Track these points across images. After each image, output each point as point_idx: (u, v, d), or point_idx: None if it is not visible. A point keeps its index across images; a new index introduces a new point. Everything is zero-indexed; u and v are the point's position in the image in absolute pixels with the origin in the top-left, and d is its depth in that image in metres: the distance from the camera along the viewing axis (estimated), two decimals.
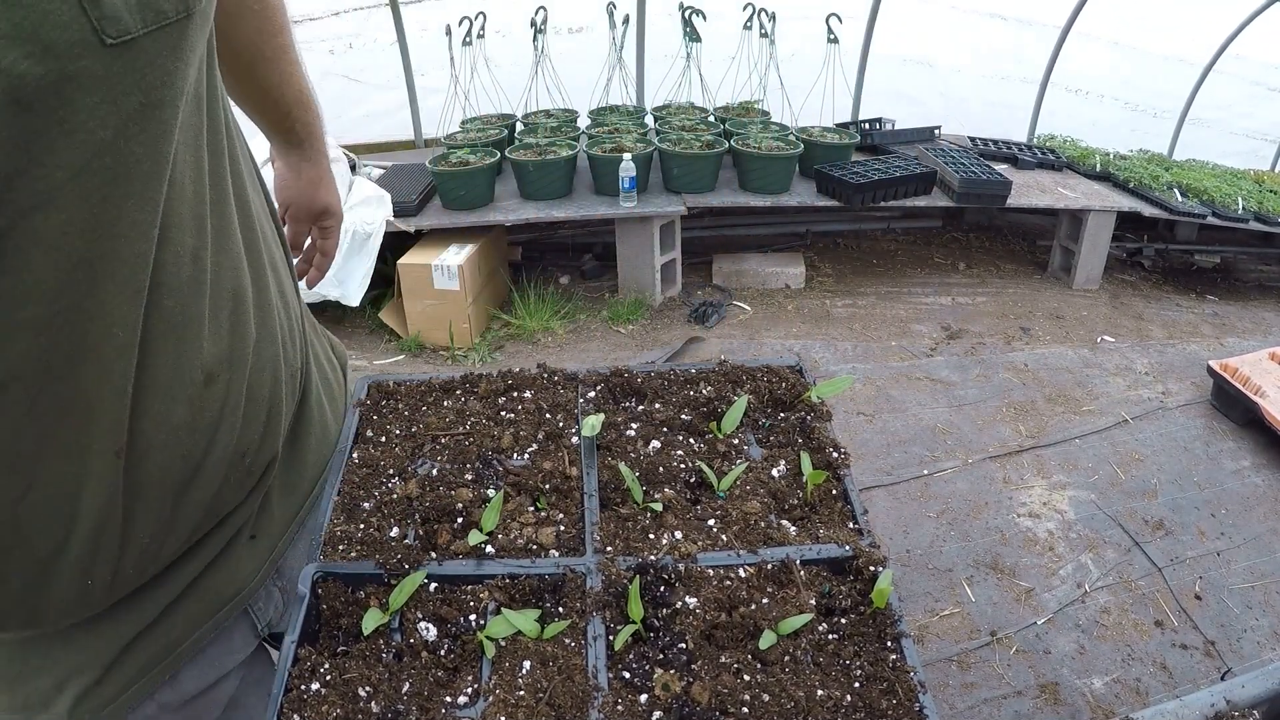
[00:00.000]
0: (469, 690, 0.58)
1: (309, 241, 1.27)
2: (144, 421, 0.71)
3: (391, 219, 4.43)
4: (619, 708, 0.55)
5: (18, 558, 0.70)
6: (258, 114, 1.16)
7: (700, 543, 0.66)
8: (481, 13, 5.23)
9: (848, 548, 0.66)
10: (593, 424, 0.74)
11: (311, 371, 1.02)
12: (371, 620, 0.61)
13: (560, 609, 0.62)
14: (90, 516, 0.71)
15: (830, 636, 0.62)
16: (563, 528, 0.68)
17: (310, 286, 1.24)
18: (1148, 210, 5.34)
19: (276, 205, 1.08)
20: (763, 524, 0.68)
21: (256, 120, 1.18)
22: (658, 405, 0.81)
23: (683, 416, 0.80)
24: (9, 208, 0.53)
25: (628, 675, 0.58)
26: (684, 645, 0.59)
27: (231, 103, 0.87)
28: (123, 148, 0.59)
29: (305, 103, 1.18)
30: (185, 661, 0.92)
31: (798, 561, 0.65)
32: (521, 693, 0.56)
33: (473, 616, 0.62)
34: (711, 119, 5.43)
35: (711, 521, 0.69)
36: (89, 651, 0.86)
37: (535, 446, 0.75)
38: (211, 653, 0.91)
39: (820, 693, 0.57)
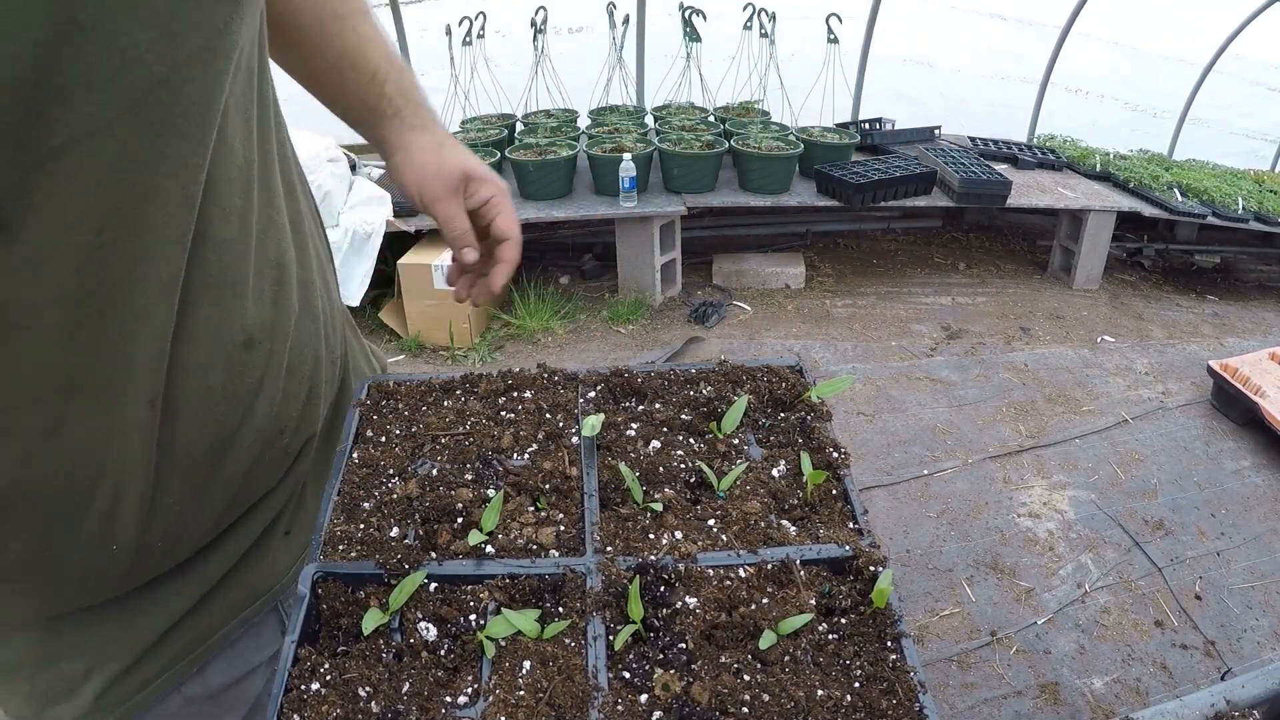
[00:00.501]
0: (469, 690, 0.58)
1: (465, 228, 0.96)
2: (180, 376, 0.70)
3: (392, 219, 4.43)
4: (619, 708, 0.55)
5: (41, 503, 0.68)
6: (340, 91, 1.01)
7: (700, 543, 0.66)
8: (481, 13, 5.24)
9: (848, 548, 0.66)
10: (593, 424, 0.74)
11: (349, 365, 1.03)
12: (371, 620, 0.61)
13: (560, 609, 0.62)
14: (118, 468, 0.70)
15: (830, 636, 0.62)
16: (563, 528, 0.68)
17: (494, 289, 0.99)
18: (1148, 210, 5.34)
19: (406, 195, 0.99)
20: (763, 524, 0.68)
21: (343, 105, 1.03)
22: (658, 405, 0.81)
23: (683, 416, 0.80)
24: (62, 129, 0.53)
25: (628, 675, 0.58)
26: (684, 645, 0.59)
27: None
28: (178, 88, 0.59)
29: (393, 62, 1.01)
30: (214, 654, 0.92)
31: (798, 561, 0.65)
32: (521, 693, 0.56)
33: (473, 616, 0.62)
34: (711, 119, 5.43)
35: (711, 521, 0.69)
36: (120, 639, 0.85)
37: (535, 446, 0.75)
38: (240, 647, 0.91)
39: (820, 693, 0.57)
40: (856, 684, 0.58)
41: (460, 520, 0.68)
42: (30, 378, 0.60)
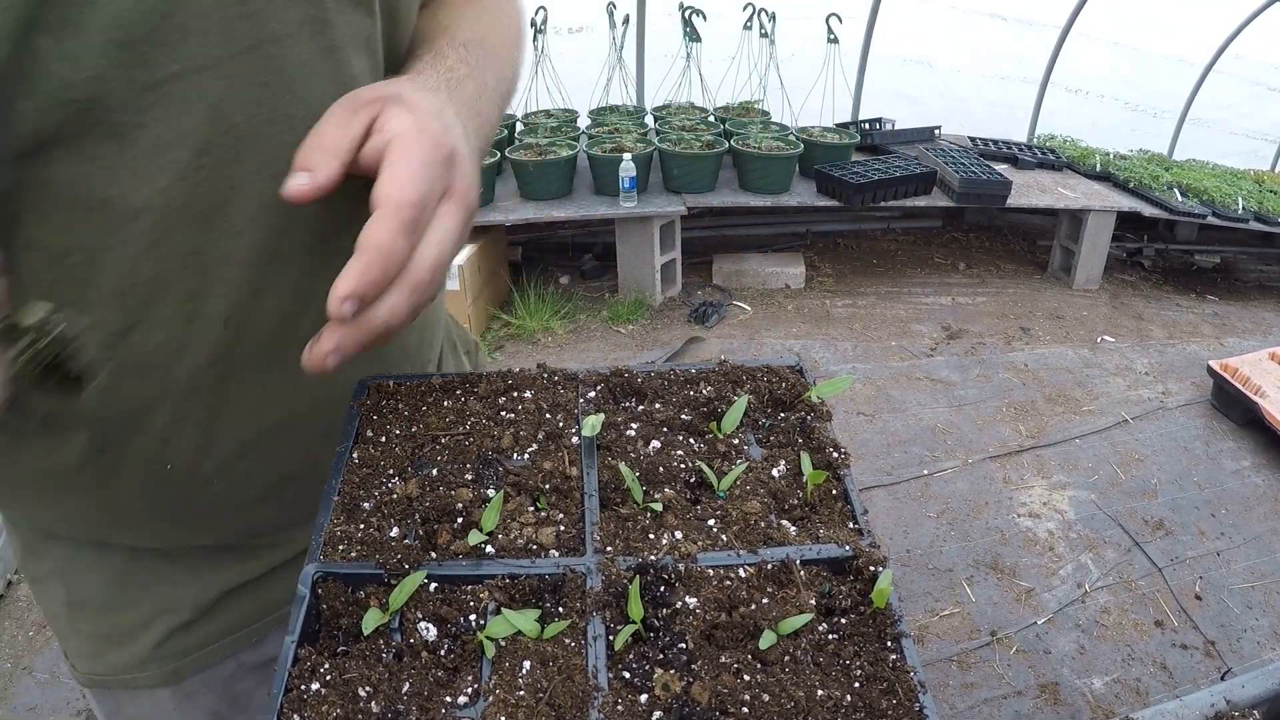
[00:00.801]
0: (469, 690, 0.58)
1: (322, 141, 0.64)
2: (258, 303, 0.71)
3: None
4: (619, 708, 0.55)
5: (103, 402, 0.69)
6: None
7: (700, 543, 0.66)
8: None
9: (848, 548, 0.66)
10: (593, 424, 0.74)
11: (444, 346, 1.03)
12: (371, 620, 0.61)
13: (560, 609, 0.62)
14: (182, 385, 0.71)
15: (830, 636, 0.62)
16: (563, 528, 0.68)
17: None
18: (1148, 210, 5.34)
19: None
20: (763, 524, 0.68)
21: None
22: (658, 405, 0.81)
23: (683, 416, 0.80)
24: (181, 59, 0.59)
25: (628, 675, 0.58)
26: (684, 645, 0.59)
27: None
28: (293, 46, 0.64)
29: (473, 41, 0.83)
30: (273, 629, 0.94)
31: (798, 561, 0.65)
32: (521, 693, 0.56)
33: (473, 616, 0.62)
34: (711, 119, 5.43)
35: (711, 521, 0.69)
36: (183, 593, 0.88)
37: (535, 446, 0.75)
38: None
39: (820, 693, 0.57)
40: (856, 684, 0.58)
41: (460, 520, 0.68)
42: (116, 276, 0.64)
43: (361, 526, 0.67)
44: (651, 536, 0.67)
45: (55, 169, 0.58)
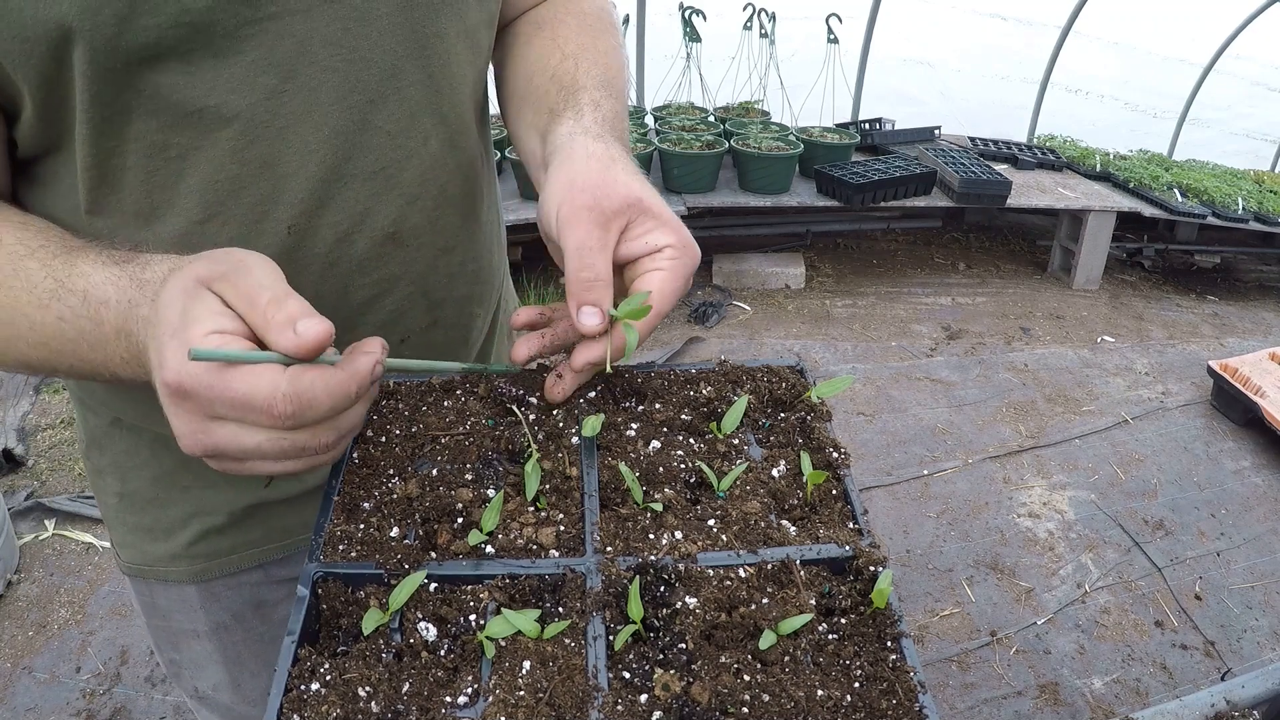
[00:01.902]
0: (469, 690, 0.58)
1: (599, 273, 0.71)
2: (323, 215, 0.79)
3: None
4: (619, 708, 0.55)
5: None
6: (527, 83, 0.93)
7: (700, 543, 0.66)
8: None
9: (848, 548, 0.66)
10: (593, 424, 0.74)
11: (500, 329, 1.11)
12: (371, 620, 0.61)
13: (560, 609, 0.62)
14: None
15: (830, 636, 0.62)
16: (563, 528, 0.68)
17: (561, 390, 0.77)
18: (1148, 210, 5.34)
19: (540, 216, 0.77)
20: (763, 524, 0.68)
21: (519, 100, 0.93)
22: (657, 405, 0.81)
23: (683, 416, 0.80)
24: (276, 1, 0.70)
25: (628, 675, 0.58)
26: (684, 645, 0.59)
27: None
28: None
29: (600, 76, 0.89)
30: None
31: (798, 561, 0.65)
32: (521, 693, 0.56)
33: (473, 616, 0.62)
34: (711, 119, 5.43)
35: (711, 521, 0.69)
36: (221, 498, 0.95)
37: (535, 446, 0.75)
38: None
39: (820, 693, 0.57)
40: (856, 684, 0.58)
41: (460, 520, 0.68)
42: (202, 172, 0.73)
43: (361, 526, 0.67)
44: (651, 536, 0.67)
45: (165, 77, 0.68)
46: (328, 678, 0.58)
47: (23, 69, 0.66)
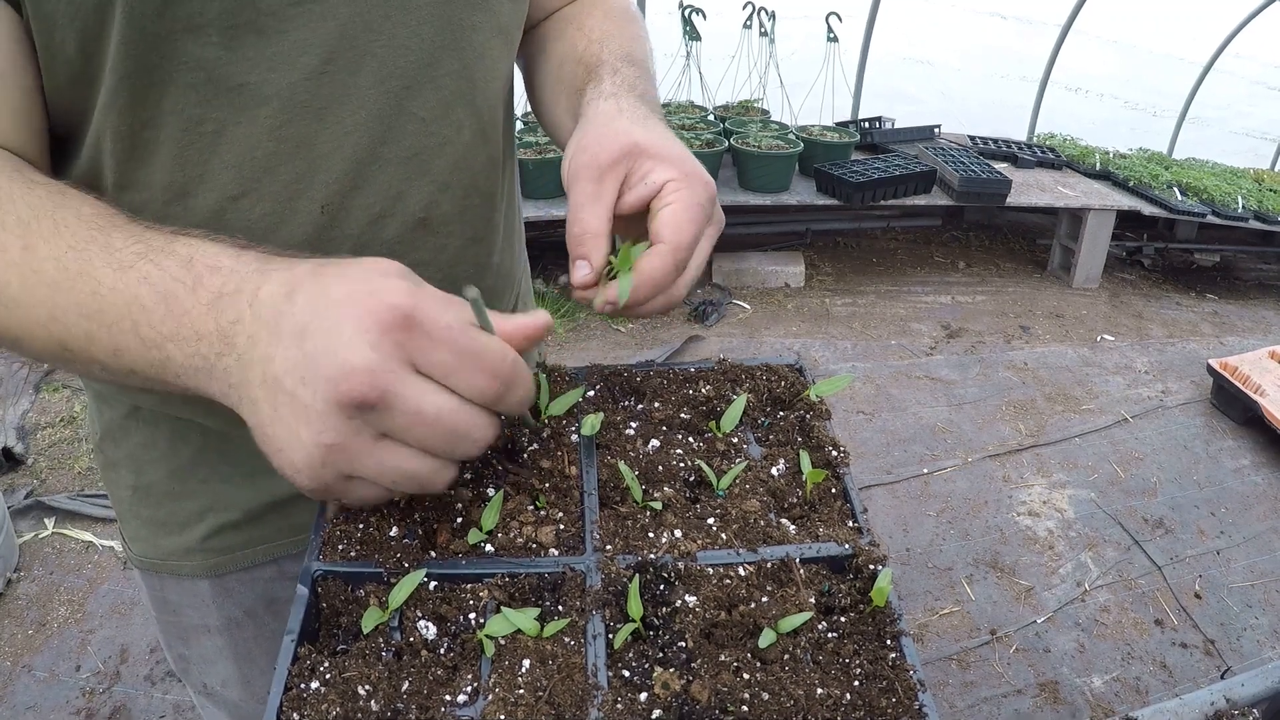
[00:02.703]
0: (468, 689, 0.58)
1: (592, 228, 0.72)
2: (356, 197, 0.79)
3: None
4: (619, 706, 0.55)
5: None
6: (551, 58, 0.97)
7: (700, 541, 0.66)
8: None
9: (847, 546, 0.66)
10: (592, 423, 0.74)
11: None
12: (371, 619, 0.61)
13: (560, 607, 0.62)
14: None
15: (830, 635, 0.62)
16: (562, 526, 0.68)
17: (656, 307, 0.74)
18: (1147, 209, 5.34)
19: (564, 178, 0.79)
20: (762, 522, 0.68)
21: (544, 75, 0.98)
22: (657, 404, 0.81)
23: (682, 415, 0.80)
24: None
25: (627, 674, 0.58)
26: (683, 644, 0.59)
27: None
28: None
29: (624, 51, 0.91)
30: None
31: (797, 560, 0.65)
32: (521, 691, 0.56)
33: (472, 615, 0.62)
34: (711, 118, 5.43)
35: (711, 520, 0.69)
36: (238, 494, 0.95)
37: (535, 446, 0.75)
38: None
39: (820, 691, 0.57)
40: (856, 682, 0.58)
41: (460, 520, 0.68)
42: (238, 149, 0.73)
43: (361, 525, 0.67)
44: (651, 535, 0.67)
45: (206, 50, 0.68)
46: (327, 676, 0.58)
47: (66, 29, 0.65)
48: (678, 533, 0.67)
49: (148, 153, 0.72)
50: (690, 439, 0.77)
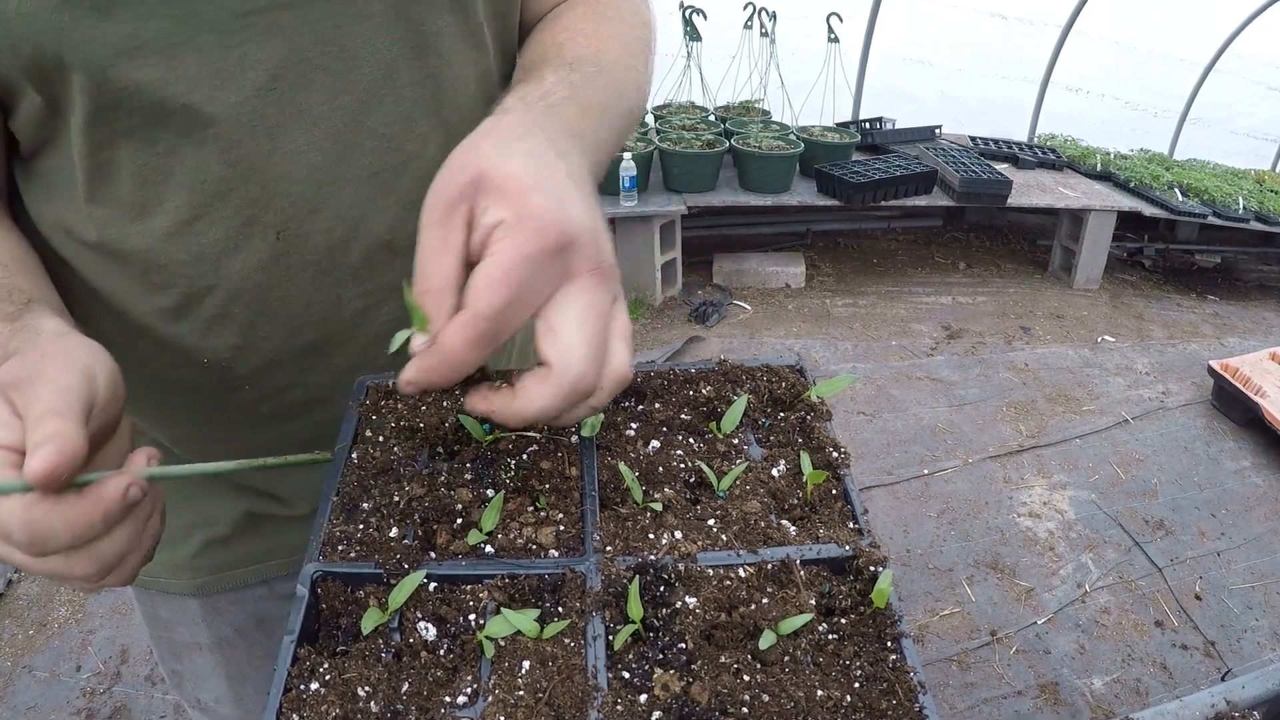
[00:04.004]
0: (468, 690, 0.58)
1: (434, 282, 0.57)
2: (314, 221, 0.76)
3: None
4: (619, 707, 0.55)
5: (162, 283, 0.76)
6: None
7: (700, 542, 0.66)
8: None
9: (848, 547, 0.66)
10: (592, 424, 0.74)
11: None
12: (371, 620, 0.61)
13: (560, 609, 0.62)
14: (233, 280, 0.77)
15: (830, 636, 0.62)
16: (562, 527, 0.68)
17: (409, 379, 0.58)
18: (1148, 210, 5.33)
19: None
20: (762, 524, 0.68)
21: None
22: (657, 405, 0.80)
23: (682, 416, 0.80)
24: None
25: (627, 675, 0.58)
26: (684, 645, 0.59)
27: None
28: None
29: (589, 55, 0.81)
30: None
31: (798, 561, 0.65)
32: (521, 693, 0.56)
33: (472, 616, 0.62)
34: (712, 118, 5.42)
35: (711, 521, 0.69)
36: (225, 509, 0.95)
37: (535, 446, 0.75)
38: None
39: (820, 693, 0.57)
40: (856, 684, 0.58)
41: (460, 520, 0.68)
42: (189, 170, 0.71)
43: (361, 527, 0.67)
44: (651, 536, 0.67)
45: (148, 72, 0.66)
46: (327, 677, 0.58)
47: (11, 59, 0.65)
48: (678, 534, 0.67)
49: (109, 172, 0.71)
50: (691, 440, 0.77)
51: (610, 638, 0.60)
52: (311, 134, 0.73)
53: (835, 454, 0.75)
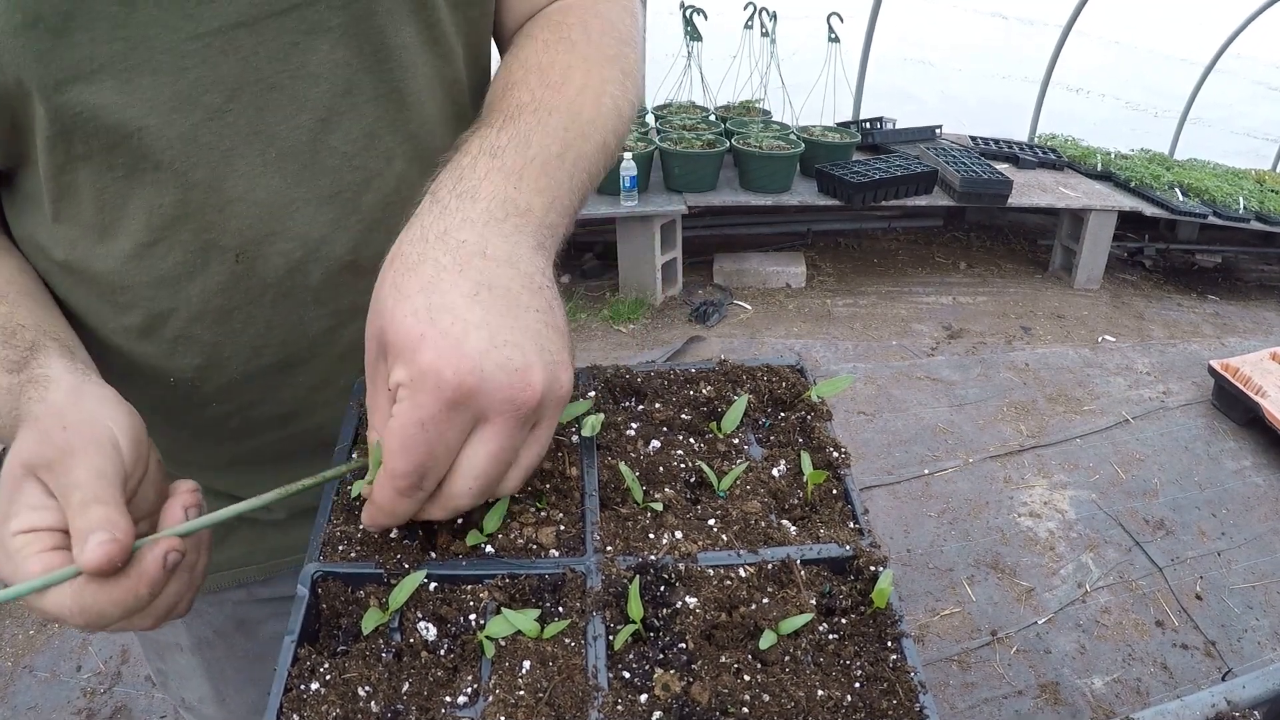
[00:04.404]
0: (469, 690, 0.58)
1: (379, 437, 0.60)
2: (273, 244, 0.75)
3: None
4: (619, 707, 0.55)
5: (128, 303, 0.76)
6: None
7: (700, 542, 0.66)
8: None
9: (848, 547, 0.66)
10: (593, 424, 0.74)
11: None
12: (371, 620, 0.61)
13: (560, 609, 0.62)
14: (194, 303, 0.76)
15: (830, 636, 0.62)
16: (563, 527, 0.68)
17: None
18: (1149, 210, 5.33)
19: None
20: (763, 524, 0.68)
21: None
22: (658, 405, 0.80)
23: (683, 416, 0.80)
24: (220, 15, 0.66)
25: (628, 675, 0.58)
26: (684, 645, 0.59)
27: None
28: (323, 12, 0.70)
29: (548, 101, 0.73)
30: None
31: (798, 561, 0.65)
32: (521, 692, 0.56)
33: (472, 616, 0.62)
34: (712, 118, 5.42)
35: (712, 521, 0.69)
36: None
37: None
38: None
39: (820, 693, 0.57)
40: (857, 684, 0.58)
41: (460, 520, 0.68)
42: (147, 195, 0.71)
43: (361, 526, 0.67)
44: (651, 536, 0.67)
45: (104, 95, 0.65)
46: (327, 677, 0.58)
47: None
48: (678, 534, 0.67)
49: (72, 193, 0.71)
50: (691, 440, 0.77)
51: (610, 638, 0.60)
52: (267, 155, 0.72)
53: (836, 454, 0.75)
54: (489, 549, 0.65)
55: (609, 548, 0.65)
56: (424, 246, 0.59)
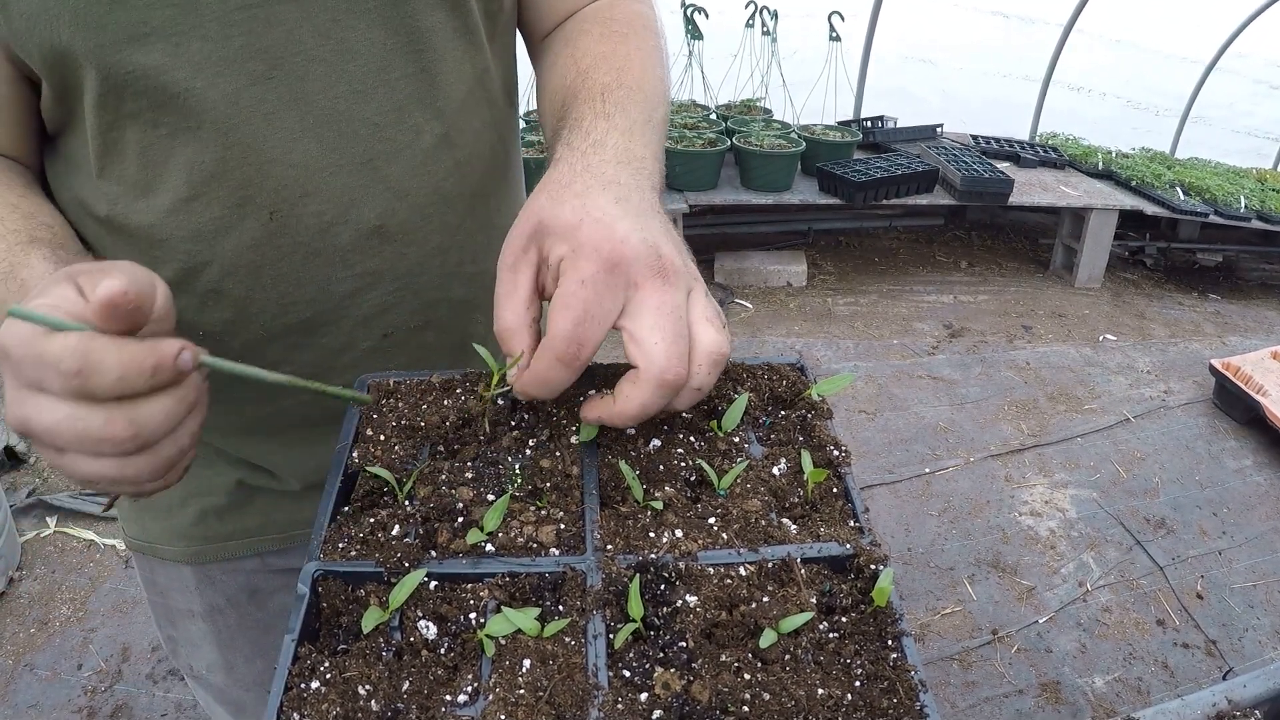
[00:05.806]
0: (469, 689, 0.58)
1: (510, 322, 0.68)
2: (306, 204, 0.79)
3: None
4: (619, 706, 0.55)
5: (162, 257, 0.80)
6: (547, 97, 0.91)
7: (701, 541, 0.66)
8: None
9: (849, 546, 0.66)
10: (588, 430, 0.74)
11: None
12: (371, 618, 0.61)
13: (560, 607, 0.62)
14: (227, 257, 0.80)
15: (831, 635, 0.62)
16: (563, 526, 0.67)
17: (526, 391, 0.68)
18: (1150, 209, 5.33)
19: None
20: (763, 522, 0.68)
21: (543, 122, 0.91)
22: None
23: (683, 414, 0.80)
24: None
25: (628, 674, 0.58)
26: (684, 644, 0.59)
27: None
28: None
29: (623, 86, 0.82)
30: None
31: (798, 560, 0.65)
32: (521, 691, 0.56)
33: (473, 615, 0.62)
34: (713, 117, 5.42)
35: (712, 520, 0.69)
36: (222, 480, 0.99)
37: (536, 444, 0.75)
38: None
39: (821, 691, 0.57)
40: (857, 683, 0.58)
41: (460, 519, 0.68)
42: (189, 152, 0.75)
43: (361, 526, 0.67)
44: (652, 535, 0.67)
45: (153, 57, 0.70)
46: (328, 676, 0.58)
47: (28, 44, 0.69)
48: (678, 532, 0.67)
49: (117, 151, 0.76)
50: (691, 438, 0.77)
51: (611, 636, 0.60)
52: (306, 121, 0.77)
53: (836, 452, 0.75)
54: (489, 547, 0.65)
55: (609, 546, 0.65)
56: (571, 174, 0.70)
